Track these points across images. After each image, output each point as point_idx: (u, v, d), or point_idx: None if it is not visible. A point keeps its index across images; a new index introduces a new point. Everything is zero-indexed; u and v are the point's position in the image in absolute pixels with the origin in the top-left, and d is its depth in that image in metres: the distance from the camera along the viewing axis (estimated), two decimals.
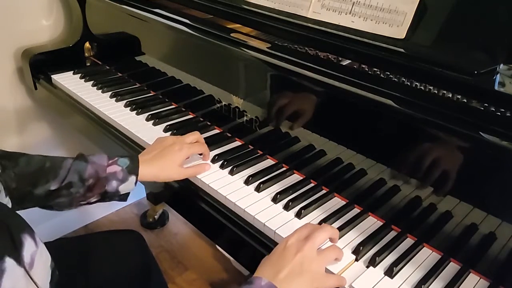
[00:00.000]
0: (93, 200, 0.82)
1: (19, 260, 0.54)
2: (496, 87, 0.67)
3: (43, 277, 0.62)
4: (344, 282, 0.67)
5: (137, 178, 0.83)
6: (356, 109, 0.78)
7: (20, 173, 0.77)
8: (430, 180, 0.71)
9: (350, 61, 0.81)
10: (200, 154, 0.94)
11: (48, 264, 0.66)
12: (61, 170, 0.79)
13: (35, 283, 0.59)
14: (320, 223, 0.78)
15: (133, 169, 0.83)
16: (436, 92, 0.70)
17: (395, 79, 0.75)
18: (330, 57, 0.83)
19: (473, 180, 0.67)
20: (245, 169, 0.92)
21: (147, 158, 0.86)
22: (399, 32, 0.75)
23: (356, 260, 0.72)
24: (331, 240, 0.72)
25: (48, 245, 0.87)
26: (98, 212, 1.87)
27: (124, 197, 0.85)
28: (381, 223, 0.79)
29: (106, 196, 0.83)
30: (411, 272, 0.70)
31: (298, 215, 0.80)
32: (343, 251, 0.71)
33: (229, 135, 1.05)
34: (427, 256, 0.73)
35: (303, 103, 0.86)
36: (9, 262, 0.51)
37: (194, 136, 0.93)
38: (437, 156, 0.69)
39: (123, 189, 0.83)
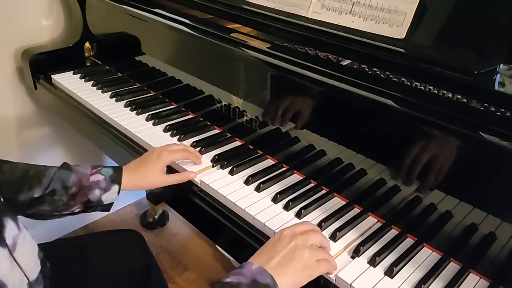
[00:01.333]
0: (76, 210, 0.83)
1: (1, 241, 0.56)
2: (496, 87, 0.67)
3: (28, 262, 0.63)
4: (335, 267, 0.68)
5: (119, 187, 0.84)
6: (356, 109, 0.78)
7: (4, 180, 0.78)
8: (430, 180, 0.71)
9: (350, 61, 0.81)
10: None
11: (36, 253, 0.66)
12: (45, 178, 0.80)
13: (20, 266, 0.59)
14: (320, 223, 0.77)
15: (115, 178, 0.84)
16: (436, 92, 0.70)
17: (395, 79, 0.75)
18: (330, 57, 0.83)
19: (473, 180, 0.67)
20: (245, 169, 0.92)
21: (130, 168, 0.87)
22: (399, 32, 0.75)
23: (352, 258, 0.72)
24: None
25: (48, 245, 0.87)
26: (98, 212, 1.87)
27: (107, 207, 0.86)
28: (381, 223, 0.80)
29: (89, 206, 0.83)
30: (411, 272, 0.70)
31: (298, 215, 0.80)
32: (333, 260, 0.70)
33: (229, 135, 1.05)
34: (427, 256, 0.73)
35: (303, 103, 0.86)
36: None
37: (179, 146, 0.93)
38: (437, 156, 0.69)
39: (106, 198, 0.84)
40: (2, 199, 0.63)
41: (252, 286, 0.59)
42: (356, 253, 0.72)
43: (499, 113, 0.63)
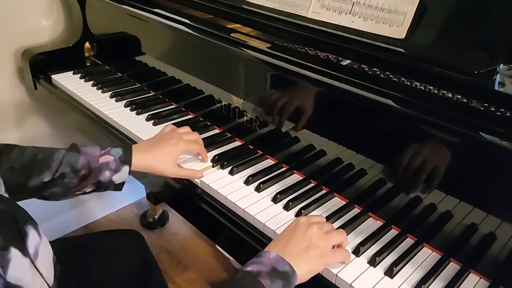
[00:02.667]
0: (88, 190, 0.83)
1: (24, 250, 0.55)
2: (496, 87, 0.67)
3: (48, 269, 0.63)
4: (349, 257, 0.70)
5: (130, 168, 0.83)
6: (356, 109, 0.78)
7: (13, 166, 0.78)
8: (429, 180, 0.71)
9: (350, 61, 0.81)
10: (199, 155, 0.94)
11: (51, 257, 0.66)
12: (53, 162, 0.79)
13: (40, 274, 0.59)
14: None
15: (126, 159, 0.83)
16: (436, 92, 0.70)
17: (395, 79, 0.75)
18: (330, 57, 0.83)
19: (473, 180, 0.67)
20: (245, 169, 0.92)
21: (141, 148, 0.86)
22: (399, 32, 0.75)
23: (352, 258, 0.72)
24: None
25: None
26: (98, 212, 1.87)
27: (119, 186, 0.85)
28: (381, 223, 0.79)
29: (100, 186, 0.83)
30: (411, 272, 0.70)
31: (298, 215, 0.80)
32: (347, 238, 0.72)
33: (229, 135, 1.05)
34: (427, 256, 0.73)
35: (303, 103, 0.86)
36: (14, 252, 0.52)
37: (193, 135, 0.93)
38: (437, 156, 0.69)
39: (117, 178, 0.83)
40: (23, 208, 0.63)
41: (271, 274, 0.60)
42: (356, 253, 0.72)
43: (499, 113, 0.63)
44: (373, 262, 0.71)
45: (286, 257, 0.63)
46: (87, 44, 1.45)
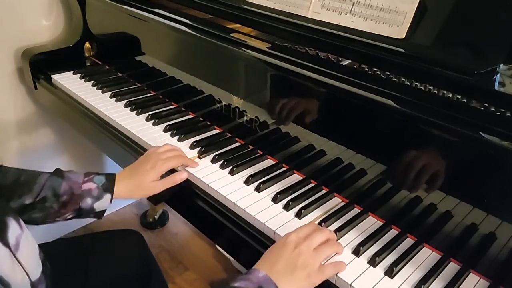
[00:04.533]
0: (68, 216, 0.83)
1: (3, 241, 0.56)
2: (496, 87, 0.67)
3: (30, 262, 0.63)
4: (343, 266, 0.69)
5: (112, 196, 0.83)
6: (356, 109, 0.78)
7: None
8: (429, 180, 0.71)
9: (350, 61, 0.81)
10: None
11: (37, 253, 0.66)
12: (36, 185, 0.79)
13: (21, 264, 0.60)
14: (320, 223, 0.78)
15: (108, 187, 0.83)
16: (436, 92, 0.70)
17: (395, 79, 0.75)
18: (330, 57, 0.83)
19: (473, 180, 0.67)
20: (245, 169, 0.92)
21: (123, 176, 0.86)
22: (399, 32, 0.75)
23: (352, 258, 0.72)
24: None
25: (48, 245, 0.87)
26: None
27: (99, 214, 0.86)
28: (381, 223, 0.79)
29: (81, 213, 0.83)
30: (411, 272, 0.70)
31: (298, 215, 0.80)
32: (342, 245, 0.71)
33: (229, 135, 1.05)
34: (427, 256, 0.73)
35: (303, 103, 0.86)
36: None
37: (171, 152, 0.91)
38: (437, 156, 0.69)
39: (98, 206, 0.83)
40: (4, 201, 0.63)
41: None
42: (356, 253, 0.72)
43: (499, 113, 0.63)
44: (373, 262, 0.71)
45: (273, 277, 0.63)
46: (87, 44, 1.45)
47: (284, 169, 0.93)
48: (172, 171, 0.92)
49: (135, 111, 1.14)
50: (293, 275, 0.64)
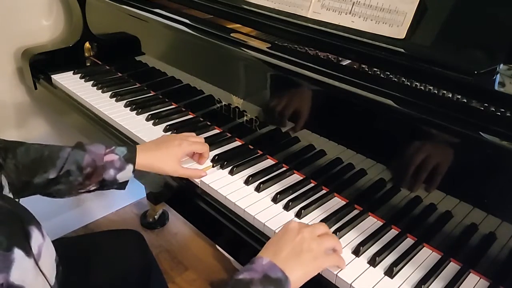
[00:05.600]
0: (92, 188, 0.83)
1: (28, 251, 0.55)
2: (496, 87, 0.67)
3: (50, 269, 0.63)
4: (343, 260, 0.69)
5: (134, 166, 0.83)
6: (356, 109, 0.78)
7: (19, 164, 0.78)
8: (429, 180, 0.71)
9: (350, 61, 0.81)
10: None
11: (54, 258, 0.66)
12: (59, 160, 0.80)
13: (43, 274, 0.59)
14: None
15: (130, 157, 0.83)
16: (436, 92, 0.70)
17: (395, 79, 0.75)
18: (330, 57, 0.83)
19: (473, 180, 0.67)
20: (245, 169, 0.92)
21: (146, 147, 0.87)
22: (399, 32, 0.75)
23: (352, 258, 0.72)
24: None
25: None
26: (98, 212, 1.88)
27: (122, 185, 0.86)
28: (381, 223, 0.79)
29: (104, 184, 0.84)
30: (411, 272, 0.70)
31: (298, 215, 0.80)
32: (340, 243, 0.71)
33: (229, 135, 1.05)
34: (427, 256, 0.73)
35: (303, 103, 0.86)
36: (17, 253, 0.52)
37: (198, 138, 0.94)
38: (437, 156, 0.69)
39: (121, 177, 0.83)
40: (27, 209, 0.63)
41: (264, 282, 0.59)
42: (356, 253, 0.72)
43: (499, 113, 0.63)
44: (373, 262, 0.71)
45: (279, 263, 0.62)
46: (87, 44, 1.45)
47: (284, 169, 0.93)
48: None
49: (135, 111, 1.14)
50: (300, 258, 0.63)
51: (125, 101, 1.18)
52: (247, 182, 0.88)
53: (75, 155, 0.81)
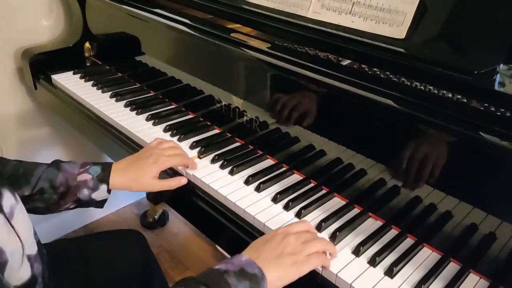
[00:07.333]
0: (70, 206, 0.83)
1: None
2: (496, 87, 0.67)
3: (25, 235, 0.63)
4: (328, 261, 0.69)
5: (108, 186, 0.82)
6: (356, 109, 0.78)
7: None
8: (429, 180, 0.71)
9: (350, 61, 0.81)
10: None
11: (31, 231, 0.67)
12: (33, 177, 0.79)
13: (16, 232, 0.60)
14: (320, 223, 0.77)
15: (103, 177, 0.82)
16: (436, 92, 0.70)
17: (395, 79, 0.75)
18: (330, 57, 0.83)
19: (473, 180, 0.67)
20: (245, 169, 0.92)
21: (120, 167, 0.85)
22: (399, 32, 0.75)
23: (352, 258, 0.72)
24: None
25: (48, 245, 0.87)
26: (98, 212, 1.87)
27: (100, 204, 0.85)
28: (381, 223, 0.79)
29: (81, 204, 0.83)
30: (411, 272, 0.70)
31: (298, 215, 0.80)
32: (332, 244, 0.71)
33: (229, 135, 1.05)
34: (427, 256, 0.73)
35: (303, 103, 0.86)
36: None
37: (174, 150, 0.89)
38: (437, 156, 0.69)
39: (96, 196, 0.82)
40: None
41: (239, 274, 0.61)
42: (356, 253, 0.72)
43: (499, 113, 0.63)
44: (373, 262, 0.71)
45: (259, 262, 0.63)
46: (87, 44, 1.45)
47: (284, 169, 0.93)
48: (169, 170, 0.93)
49: (135, 111, 1.14)
50: (279, 261, 0.64)
51: (125, 101, 1.18)
52: (247, 182, 0.88)
53: (49, 173, 0.80)
